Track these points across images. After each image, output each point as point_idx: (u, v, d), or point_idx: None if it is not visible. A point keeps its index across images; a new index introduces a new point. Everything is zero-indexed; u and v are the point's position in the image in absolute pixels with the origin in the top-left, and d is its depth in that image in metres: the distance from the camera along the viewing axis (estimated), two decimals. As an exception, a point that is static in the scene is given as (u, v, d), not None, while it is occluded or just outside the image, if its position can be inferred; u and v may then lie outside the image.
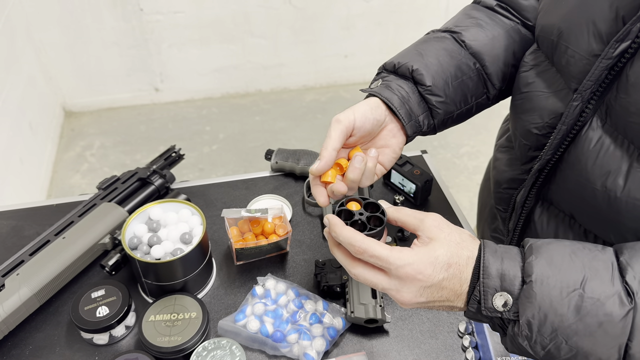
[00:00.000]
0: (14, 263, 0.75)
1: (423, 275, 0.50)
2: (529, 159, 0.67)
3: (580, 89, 0.56)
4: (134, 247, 0.75)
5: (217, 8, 2.36)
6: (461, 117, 0.71)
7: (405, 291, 0.51)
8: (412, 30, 2.62)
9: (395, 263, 0.50)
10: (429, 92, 0.66)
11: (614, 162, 0.55)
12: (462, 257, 0.51)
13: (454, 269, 0.51)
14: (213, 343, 0.70)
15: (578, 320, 0.46)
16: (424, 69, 0.66)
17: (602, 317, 0.46)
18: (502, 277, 0.49)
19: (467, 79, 0.69)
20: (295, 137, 2.41)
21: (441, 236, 0.52)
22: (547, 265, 0.48)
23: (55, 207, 0.93)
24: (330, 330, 0.72)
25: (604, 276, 0.47)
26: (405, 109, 0.65)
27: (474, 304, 0.50)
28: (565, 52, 0.59)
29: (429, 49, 0.69)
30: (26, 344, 0.73)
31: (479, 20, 0.72)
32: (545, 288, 0.47)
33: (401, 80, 0.67)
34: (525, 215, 0.70)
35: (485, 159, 2.31)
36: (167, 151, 0.98)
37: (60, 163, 2.30)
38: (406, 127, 0.65)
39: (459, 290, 0.51)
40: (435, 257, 0.51)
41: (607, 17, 0.53)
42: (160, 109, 2.58)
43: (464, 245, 0.52)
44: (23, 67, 2.12)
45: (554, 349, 0.48)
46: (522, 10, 0.72)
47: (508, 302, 0.49)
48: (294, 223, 0.91)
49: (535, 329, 0.47)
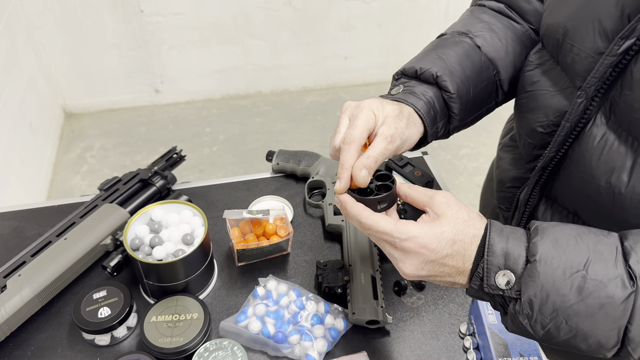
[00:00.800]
0: (16, 264, 0.75)
1: (426, 249, 0.50)
2: (534, 158, 0.67)
3: (584, 86, 0.56)
4: (136, 248, 0.75)
5: (217, 9, 2.36)
6: (472, 122, 0.71)
7: (408, 263, 0.52)
8: (411, 32, 2.62)
9: (399, 236, 0.51)
10: (452, 99, 0.66)
11: (618, 158, 0.55)
12: (468, 235, 0.51)
13: (458, 246, 0.51)
14: (215, 344, 0.70)
15: (580, 301, 0.47)
16: (447, 76, 0.65)
17: (604, 299, 0.46)
18: (507, 256, 0.49)
19: (485, 85, 0.69)
20: (295, 138, 2.41)
21: (449, 213, 0.52)
22: (552, 246, 0.49)
23: (56, 208, 0.93)
24: (331, 331, 0.73)
25: (607, 259, 0.47)
26: (431, 116, 0.64)
27: (477, 281, 0.51)
28: (570, 50, 0.59)
29: (450, 53, 0.68)
30: (28, 344, 0.73)
31: (491, 25, 0.71)
32: (549, 268, 0.47)
33: (425, 86, 0.66)
34: (528, 213, 0.70)
35: (486, 160, 2.31)
36: (168, 152, 0.98)
37: (60, 164, 2.30)
38: (429, 134, 0.65)
39: (461, 267, 0.51)
40: (441, 232, 0.51)
41: (612, 15, 0.54)
42: (161, 110, 2.59)
43: (470, 223, 0.52)
44: (23, 69, 2.12)
45: (553, 329, 0.48)
46: (525, 14, 0.72)
47: (511, 281, 0.49)
48: (295, 224, 0.91)
49: (537, 308, 0.48)
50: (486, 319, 0.70)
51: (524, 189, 0.70)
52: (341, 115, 0.61)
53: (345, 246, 0.82)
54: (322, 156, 0.98)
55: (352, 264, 0.79)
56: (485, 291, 0.51)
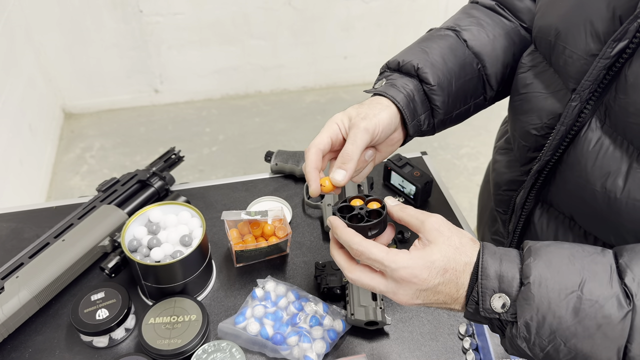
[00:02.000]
0: (14, 266, 0.75)
1: (418, 279, 0.50)
2: (528, 160, 0.67)
3: (579, 89, 0.56)
4: (134, 250, 0.75)
5: (216, 9, 2.36)
6: (459, 117, 0.71)
7: (402, 293, 0.52)
8: (411, 31, 2.62)
9: (390, 266, 0.51)
10: (433, 91, 0.66)
11: (614, 163, 0.55)
12: (460, 263, 0.51)
13: (450, 274, 0.51)
14: (213, 346, 0.70)
15: (577, 323, 0.46)
16: (429, 68, 0.66)
17: (601, 319, 0.45)
18: (501, 279, 0.49)
19: (469, 79, 0.69)
20: (295, 138, 2.41)
21: (440, 240, 0.52)
22: (546, 267, 0.48)
23: (54, 210, 0.93)
24: (330, 332, 0.72)
25: (602, 278, 0.47)
26: (410, 108, 0.64)
27: (472, 304, 0.51)
28: (563, 52, 0.59)
29: (433, 46, 0.68)
30: (26, 346, 0.73)
31: (480, 20, 0.72)
32: (543, 290, 0.47)
33: (406, 78, 0.66)
34: (525, 217, 0.70)
35: (485, 159, 2.31)
36: (166, 153, 0.98)
37: (59, 165, 2.30)
38: (408, 127, 0.65)
39: (455, 295, 0.51)
40: (431, 261, 0.51)
41: (604, 16, 0.53)
42: (160, 110, 2.58)
43: (462, 250, 0.52)
44: (23, 69, 2.12)
45: (552, 351, 0.48)
46: (518, 12, 0.72)
47: (506, 304, 0.49)
48: (294, 225, 0.91)
49: (534, 331, 0.47)
50: (485, 320, 0.70)
51: (520, 192, 0.69)
52: None
53: (344, 247, 0.82)
54: (321, 157, 0.98)
55: (351, 265, 0.78)
56: (481, 315, 0.50)
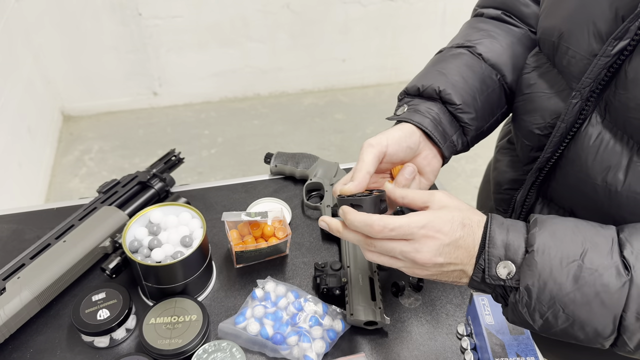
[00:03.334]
0: (15, 266, 0.75)
1: (442, 232, 0.52)
2: (531, 160, 0.68)
3: (579, 86, 0.57)
4: (135, 250, 0.76)
5: (215, 12, 2.36)
6: (490, 129, 0.72)
7: (425, 250, 0.52)
8: (409, 35, 2.63)
9: (416, 225, 0.52)
10: (460, 110, 0.66)
11: (614, 157, 0.56)
12: (474, 220, 0.54)
13: (467, 229, 0.53)
14: (213, 345, 0.70)
15: (576, 289, 0.48)
16: (451, 89, 0.66)
17: (599, 287, 0.48)
18: (507, 247, 0.51)
19: (491, 91, 0.69)
20: (293, 140, 2.42)
21: (452, 204, 0.55)
22: (550, 236, 0.50)
23: (55, 211, 0.94)
24: (329, 332, 0.73)
25: (603, 249, 0.49)
26: (440, 131, 0.65)
27: (479, 273, 0.53)
28: (566, 52, 0.60)
29: (450, 67, 0.69)
30: (27, 347, 0.73)
31: (490, 32, 0.72)
32: (546, 257, 0.49)
33: (429, 103, 0.66)
34: (525, 213, 0.71)
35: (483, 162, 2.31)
36: (167, 155, 0.98)
37: (58, 167, 2.30)
38: (443, 149, 0.65)
39: (472, 251, 0.53)
40: (451, 216, 0.53)
41: (607, 17, 0.54)
42: (159, 113, 2.59)
43: (473, 211, 0.55)
44: (22, 72, 2.12)
45: (551, 317, 0.50)
46: (525, 17, 0.73)
47: (511, 272, 0.51)
48: (294, 226, 0.91)
49: (535, 296, 0.49)
50: (483, 319, 0.71)
51: (520, 191, 0.70)
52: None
53: (344, 248, 0.83)
54: (320, 158, 0.98)
55: (350, 265, 0.79)
56: (487, 282, 0.52)
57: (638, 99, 0.52)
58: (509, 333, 0.69)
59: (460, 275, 0.55)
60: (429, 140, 0.65)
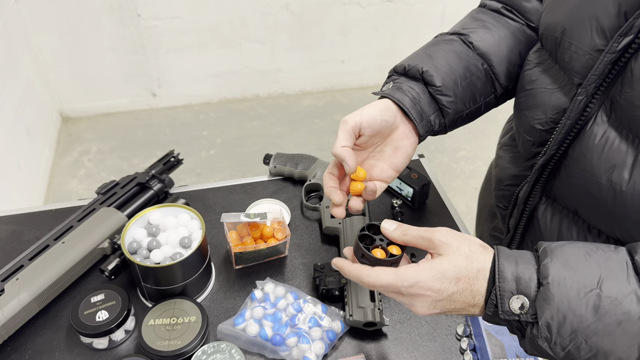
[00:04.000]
0: (14, 268, 0.75)
1: (432, 291, 0.51)
2: (532, 155, 0.68)
3: (585, 83, 0.57)
4: (134, 252, 0.76)
5: (214, 14, 2.37)
6: (470, 116, 0.73)
7: (418, 305, 0.53)
8: (408, 36, 2.63)
9: (403, 285, 0.52)
10: (439, 92, 0.68)
11: (619, 155, 0.56)
12: (472, 271, 0.52)
13: (463, 283, 0.52)
14: (212, 347, 0.70)
15: (597, 320, 0.47)
16: (433, 70, 0.68)
17: (621, 316, 0.46)
18: (518, 280, 0.50)
19: (475, 79, 0.70)
20: (292, 141, 2.42)
21: (449, 251, 0.53)
22: (563, 266, 0.49)
23: (54, 212, 0.94)
24: (329, 333, 0.73)
25: (619, 275, 0.47)
26: (417, 110, 0.66)
27: (491, 307, 0.51)
28: (568, 48, 0.60)
29: (438, 51, 0.71)
30: (26, 348, 0.73)
31: (486, 23, 0.74)
32: (562, 289, 0.48)
33: (412, 82, 0.69)
34: (528, 212, 0.71)
35: (482, 163, 2.32)
36: (166, 156, 0.98)
37: (57, 168, 2.30)
38: (418, 127, 0.67)
39: (472, 301, 0.52)
40: (441, 272, 0.52)
41: (610, 12, 0.55)
42: (158, 114, 2.59)
43: (473, 257, 0.52)
44: (20, 73, 2.12)
45: (574, 350, 0.48)
46: (526, 12, 0.74)
47: (525, 305, 0.49)
48: (293, 227, 0.91)
49: (555, 331, 0.48)
50: (482, 320, 0.71)
51: (523, 187, 0.70)
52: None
53: (343, 248, 0.83)
54: (319, 159, 0.98)
55: (350, 267, 0.79)
56: (501, 317, 0.51)
57: None
58: (509, 334, 0.69)
59: (468, 314, 0.54)
60: (406, 117, 0.66)
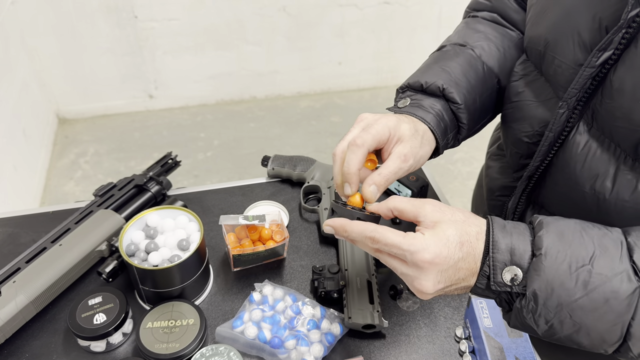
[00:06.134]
0: (10, 270, 0.75)
1: (440, 258, 0.49)
2: (521, 167, 0.68)
3: (565, 96, 0.57)
4: (131, 254, 0.75)
5: (211, 15, 2.36)
6: (477, 131, 0.72)
7: (424, 278, 0.51)
8: (405, 38, 2.64)
9: (409, 249, 0.50)
10: (461, 110, 0.66)
11: (602, 165, 0.56)
12: (472, 234, 0.51)
13: (467, 247, 0.50)
14: (211, 350, 0.70)
15: (584, 295, 0.47)
16: (454, 87, 0.66)
17: (609, 294, 0.46)
18: (512, 251, 0.49)
19: (489, 94, 0.70)
20: (290, 143, 2.42)
21: (445, 218, 0.51)
22: (558, 239, 0.48)
23: (51, 214, 0.93)
24: (328, 335, 0.73)
25: (613, 254, 0.47)
26: (441, 128, 0.65)
27: (483, 279, 0.50)
28: (552, 62, 0.60)
29: (453, 65, 0.69)
30: (23, 352, 0.73)
31: (487, 34, 0.72)
32: (554, 262, 0.47)
33: (432, 99, 0.66)
34: (516, 220, 0.71)
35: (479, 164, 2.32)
36: (163, 158, 0.98)
37: (53, 170, 2.29)
38: (440, 146, 0.65)
39: (474, 268, 0.51)
40: (446, 237, 0.50)
41: (591, 27, 0.55)
42: (155, 115, 2.58)
43: (470, 221, 0.52)
44: (17, 74, 2.11)
45: (557, 324, 0.48)
46: (515, 23, 0.73)
47: (517, 276, 0.49)
48: (291, 229, 0.91)
49: (541, 302, 0.48)
50: (482, 322, 0.71)
51: (512, 198, 0.70)
52: (355, 124, 0.60)
53: (341, 250, 0.83)
54: (318, 161, 0.98)
55: (348, 269, 0.79)
56: (492, 289, 0.50)
57: (624, 107, 0.52)
58: (508, 336, 0.69)
59: (466, 288, 0.53)
60: (431, 137, 0.64)
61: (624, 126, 0.53)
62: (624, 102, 0.52)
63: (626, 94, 0.51)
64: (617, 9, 0.51)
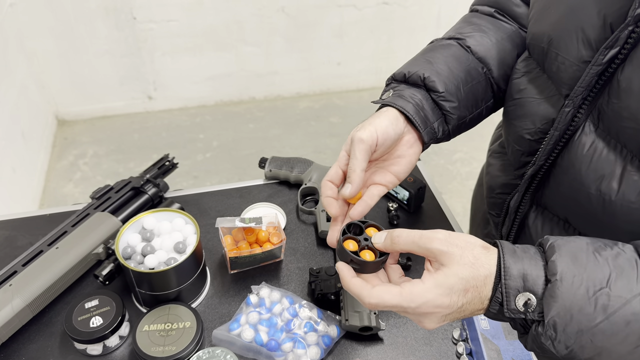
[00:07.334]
0: (7, 274, 0.75)
1: (441, 307, 0.49)
2: (522, 164, 0.68)
3: (572, 95, 0.57)
4: (128, 257, 0.75)
5: (210, 17, 2.36)
6: (473, 121, 0.72)
7: (427, 322, 0.51)
8: (404, 38, 2.64)
9: (410, 306, 0.49)
10: (443, 98, 0.66)
11: (608, 166, 0.56)
12: (479, 279, 0.49)
13: (472, 293, 0.49)
14: (207, 352, 0.70)
15: (605, 319, 0.45)
16: (435, 76, 0.66)
17: (629, 316, 0.45)
18: (525, 278, 0.48)
19: (476, 83, 0.70)
20: (289, 144, 2.41)
21: (453, 261, 0.49)
22: (572, 263, 0.47)
23: (48, 217, 0.93)
24: (324, 338, 0.73)
25: (629, 274, 0.46)
26: (421, 116, 0.65)
27: (496, 305, 0.49)
28: (555, 59, 0.60)
29: (437, 56, 0.69)
30: (19, 355, 0.73)
31: (481, 26, 0.73)
32: (571, 287, 0.46)
33: (413, 89, 0.67)
34: (519, 220, 0.71)
35: (479, 164, 2.32)
36: (160, 160, 0.98)
37: (52, 172, 2.29)
38: (423, 134, 0.65)
39: (480, 306, 0.50)
40: (449, 287, 0.49)
41: (595, 24, 0.54)
42: (154, 117, 2.58)
43: (479, 264, 0.49)
44: (16, 76, 2.11)
45: (577, 349, 0.47)
46: (517, 17, 0.74)
47: (531, 302, 0.47)
48: (288, 231, 0.91)
49: (561, 329, 0.46)
50: (479, 324, 0.71)
51: (514, 196, 0.70)
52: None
53: (338, 253, 0.82)
54: (315, 163, 0.98)
55: (345, 271, 0.79)
56: (506, 315, 0.49)
57: (631, 108, 0.52)
58: (505, 338, 0.69)
59: (476, 313, 0.52)
60: (411, 125, 0.65)
61: (631, 127, 0.52)
62: (632, 103, 0.51)
63: (634, 94, 0.51)
64: (623, 5, 0.51)
